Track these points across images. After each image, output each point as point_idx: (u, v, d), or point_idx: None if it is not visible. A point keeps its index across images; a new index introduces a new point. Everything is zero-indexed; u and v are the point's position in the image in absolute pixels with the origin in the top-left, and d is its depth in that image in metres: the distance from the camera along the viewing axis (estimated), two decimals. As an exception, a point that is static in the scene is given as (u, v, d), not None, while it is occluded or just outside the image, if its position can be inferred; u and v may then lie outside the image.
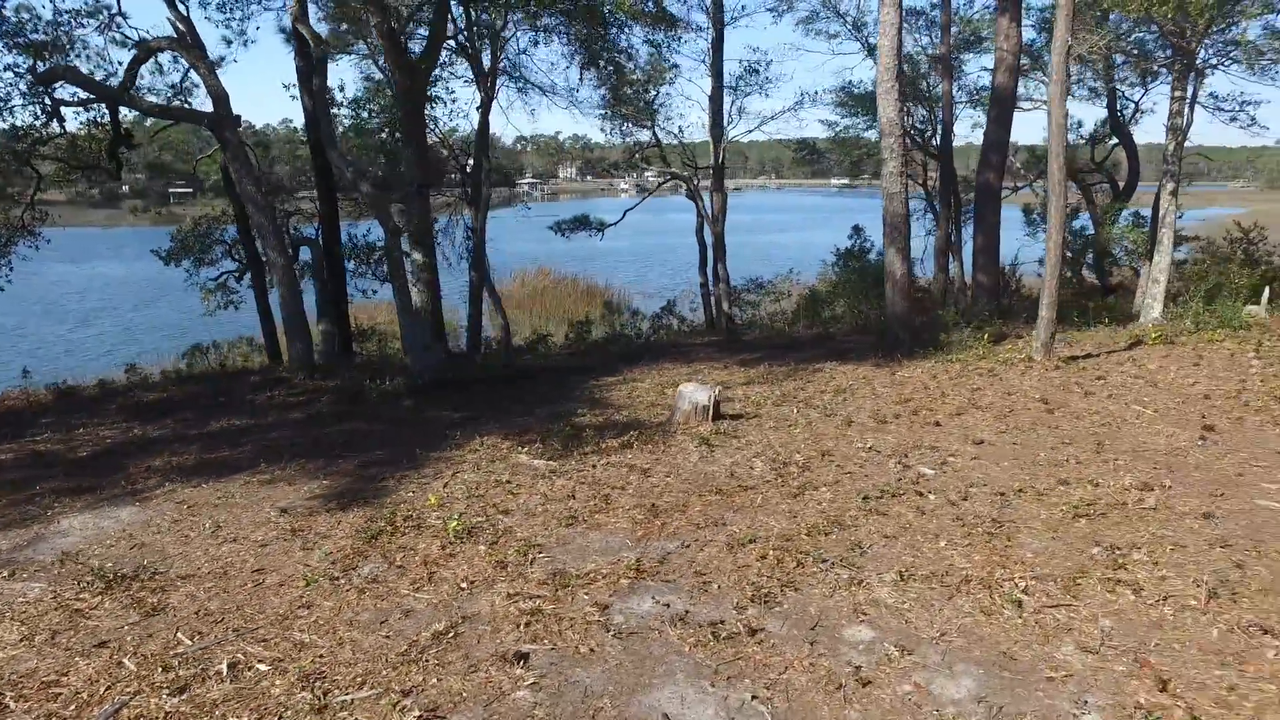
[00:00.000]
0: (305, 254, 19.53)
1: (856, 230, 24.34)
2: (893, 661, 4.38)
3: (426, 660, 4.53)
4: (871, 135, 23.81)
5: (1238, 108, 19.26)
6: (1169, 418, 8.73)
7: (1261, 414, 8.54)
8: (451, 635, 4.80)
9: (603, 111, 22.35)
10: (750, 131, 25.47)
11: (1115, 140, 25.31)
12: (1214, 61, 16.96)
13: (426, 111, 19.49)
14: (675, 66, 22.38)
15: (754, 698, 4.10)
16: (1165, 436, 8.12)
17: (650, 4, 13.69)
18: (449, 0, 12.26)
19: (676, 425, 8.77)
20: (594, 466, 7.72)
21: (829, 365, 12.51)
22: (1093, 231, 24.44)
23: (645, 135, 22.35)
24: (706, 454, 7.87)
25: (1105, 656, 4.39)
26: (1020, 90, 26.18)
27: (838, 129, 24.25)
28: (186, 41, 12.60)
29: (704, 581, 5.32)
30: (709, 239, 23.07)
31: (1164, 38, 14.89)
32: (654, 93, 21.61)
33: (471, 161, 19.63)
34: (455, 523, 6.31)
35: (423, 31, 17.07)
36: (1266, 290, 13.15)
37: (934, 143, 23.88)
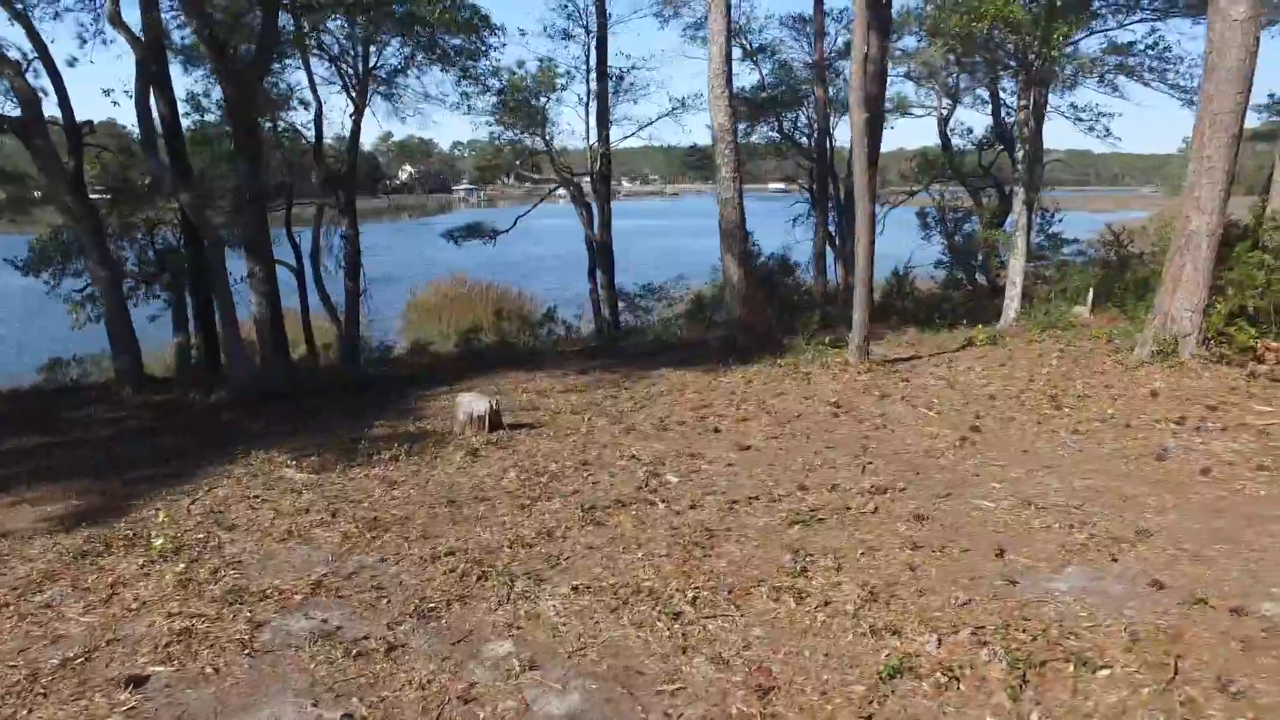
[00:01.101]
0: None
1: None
2: (512, 677, 4.33)
3: (36, 690, 4.35)
4: (755, 140, 24.08)
5: (1094, 118, 19.86)
6: (948, 419, 8.89)
7: (1031, 413, 8.75)
8: (82, 661, 4.63)
9: (489, 117, 22.26)
10: (626, 137, 25.46)
11: (1001, 146, 25.94)
12: (1064, 74, 17.48)
13: (289, 119, 19.27)
14: (567, 73, 22.42)
15: (347, 715, 4.03)
16: (931, 439, 8.26)
17: (465, 12, 13.68)
18: (277, 9, 12.00)
19: (454, 436, 8.68)
20: (349, 479, 7.60)
21: (662, 371, 12.51)
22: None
23: (529, 141, 22.26)
24: (467, 465, 7.79)
25: (731, 667, 4.39)
26: (911, 97, 26.80)
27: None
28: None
29: (378, 597, 5.23)
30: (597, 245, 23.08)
31: (1001, 49, 15.24)
32: (543, 100, 21.57)
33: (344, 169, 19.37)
34: (161, 541, 6.13)
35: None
36: (1090, 292, 13.54)
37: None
